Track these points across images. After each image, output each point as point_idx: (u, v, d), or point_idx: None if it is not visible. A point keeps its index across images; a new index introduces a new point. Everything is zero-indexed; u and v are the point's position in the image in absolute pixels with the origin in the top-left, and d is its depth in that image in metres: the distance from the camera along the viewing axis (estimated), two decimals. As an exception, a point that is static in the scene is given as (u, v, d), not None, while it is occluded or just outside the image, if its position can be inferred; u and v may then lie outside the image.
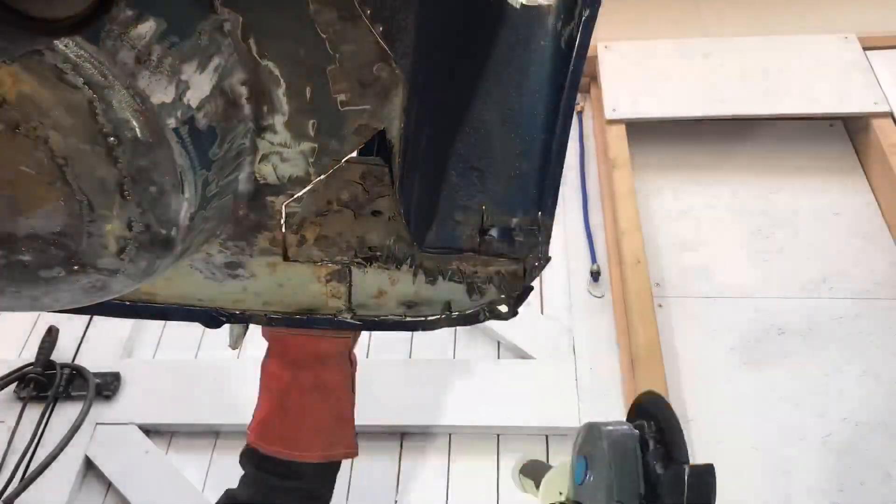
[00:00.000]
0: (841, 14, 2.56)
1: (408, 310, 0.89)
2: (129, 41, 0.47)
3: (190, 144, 0.53)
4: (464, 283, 0.86)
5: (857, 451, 1.74)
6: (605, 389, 1.90)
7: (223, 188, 0.62)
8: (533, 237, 0.81)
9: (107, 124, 0.48)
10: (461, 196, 0.81)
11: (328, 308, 0.88)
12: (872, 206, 2.20)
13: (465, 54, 0.75)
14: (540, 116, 0.78)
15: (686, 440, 0.73)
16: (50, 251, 0.55)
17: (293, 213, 0.74)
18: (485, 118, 0.79)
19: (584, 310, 2.07)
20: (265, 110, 0.62)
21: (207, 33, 0.53)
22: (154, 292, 0.85)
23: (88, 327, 2.14)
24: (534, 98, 0.77)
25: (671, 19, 2.67)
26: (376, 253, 0.79)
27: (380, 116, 0.63)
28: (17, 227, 0.54)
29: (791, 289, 2.04)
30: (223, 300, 0.86)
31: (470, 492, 1.80)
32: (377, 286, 0.86)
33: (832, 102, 2.28)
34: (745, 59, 2.41)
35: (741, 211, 2.24)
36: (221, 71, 0.55)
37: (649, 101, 2.37)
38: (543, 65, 0.76)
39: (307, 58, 0.58)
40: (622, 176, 2.20)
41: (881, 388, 1.84)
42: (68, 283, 0.58)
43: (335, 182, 0.71)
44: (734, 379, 1.88)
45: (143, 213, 0.54)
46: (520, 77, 0.77)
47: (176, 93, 0.51)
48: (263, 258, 0.80)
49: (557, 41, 0.74)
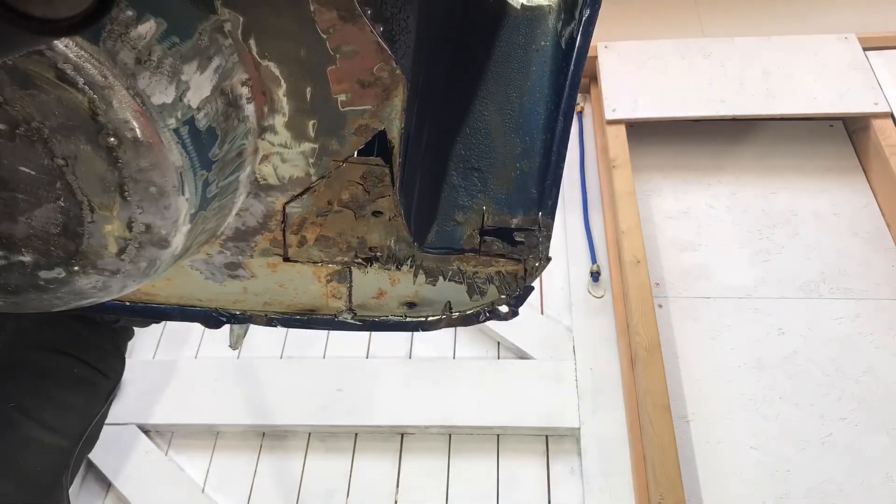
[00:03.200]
0: (841, 14, 2.56)
1: (408, 310, 0.89)
2: (129, 41, 0.47)
3: (190, 145, 0.53)
4: (464, 283, 0.86)
5: (857, 451, 1.74)
6: (605, 389, 1.90)
7: (223, 188, 0.62)
8: (533, 237, 0.81)
9: (107, 124, 0.48)
10: (462, 196, 0.81)
11: (329, 308, 0.88)
12: (872, 207, 2.20)
13: (466, 54, 0.75)
14: (540, 116, 0.78)
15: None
16: (50, 251, 0.55)
17: (294, 213, 0.74)
18: (485, 118, 0.79)
19: (584, 310, 2.07)
20: (265, 111, 0.62)
21: (208, 34, 0.53)
22: (154, 292, 0.85)
23: (88, 327, 2.13)
24: (534, 98, 0.77)
25: (671, 19, 2.68)
26: (377, 253, 0.79)
27: (380, 116, 0.63)
28: (17, 228, 0.54)
29: (791, 289, 2.04)
30: (223, 300, 0.86)
31: (470, 492, 1.80)
32: (378, 286, 0.86)
33: (832, 102, 2.28)
34: (745, 59, 2.41)
35: (741, 211, 2.24)
36: (222, 71, 0.55)
37: (649, 101, 2.37)
38: (544, 65, 0.76)
39: (307, 58, 0.58)
40: (622, 176, 2.20)
41: (881, 388, 1.84)
42: (68, 284, 0.58)
43: (335, 182, 0.70)
44: (734, 379, 1.88)
45: (143, 213, 0.54)
46: (520, 77, 0.77)
47: (176, 93, 0.51)
48: (264, 258, 0.80)
49: (558, 41, 0.74)
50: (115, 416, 1.93)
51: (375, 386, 1.95)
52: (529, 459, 1.85)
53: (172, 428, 1.96)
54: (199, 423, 1.94)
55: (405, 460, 1.87)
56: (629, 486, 1.75)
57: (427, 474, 1.84)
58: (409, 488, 1.82)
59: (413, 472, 1.85)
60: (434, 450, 1.88)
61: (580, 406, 1.86)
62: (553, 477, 1.81)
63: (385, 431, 1.90)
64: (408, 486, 1.83)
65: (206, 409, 1.94)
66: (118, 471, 1.84)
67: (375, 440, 1.90)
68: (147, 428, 1.94)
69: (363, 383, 1.96)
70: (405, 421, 1.89)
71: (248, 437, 1.95)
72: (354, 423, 1.90)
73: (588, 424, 1.84)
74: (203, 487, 1.86)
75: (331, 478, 1.86)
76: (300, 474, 1.88)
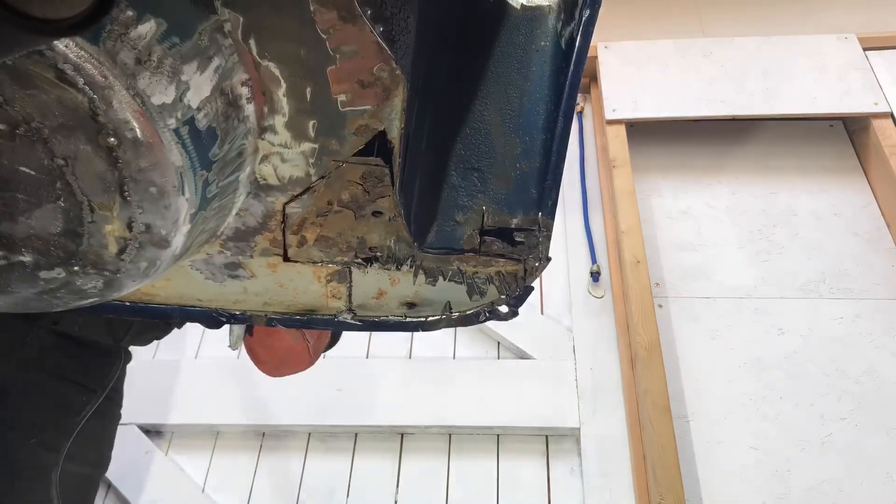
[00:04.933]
0: (841, 14, 2.56)
1: (408, 310, 0.89)
2: (129, 42, 0.47)
3: (190, 145, 0.53)
4: (464, 283, 0.86)
5: (857, 451, 1.74)
6: (605, 389, 1.90)
7: (223, 189, 0.62)
8: (533, 237, 0.81)
9: (107, 124, 0.48)
10: (461, 196, 0.81)
11: (328, 308, 0.88)
12: (872, 207, 2.21)
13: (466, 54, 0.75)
14: (540, 116, 0.78)
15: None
16: (50, 252, 0.55)
17: (294, 213, 0.74)
18: (485, 118, 0.79)
19: (584, 310, 2.07)
20: (265, 111, 0.62)
21: (208, 34, 0.53)
22: (154, 292, 0.85)
23: (88, 327, 2.13)
24: (534, 98, 0.77)
25: (671, 19, 2.68)
26: (377, 253, 0.79)
27: (380, 116, 0.63)
28: (17, 228, 0.54)
29: (791, 289, 2.04)
30: (223, 300, 0.86)
31: (470, 492, 1.80)
32: (377, 287, 0.86)
33: (832, 102, 2.28)
34: (745, 59, 2.41)
35: (741, 211, 2.24)
36: (222, 71, 0.55)
37: (649, 101, 2.37)
38: (544, 65, 0.76)
39: (307, 58, 0.58)
40: (622, 176, 2.20)
41: (881, 388, 1.84)
42: (68, 284, 0.58)
43: (335, 182, 0.70)
44: (734, 379, 1.88)
45: (143, 213, 0.54)
46: (520, 77, 0.77)
47: (176, 93, 0.51)
48: (264, 258, 0.80)
49: (558, 41, 0.74)
50: (115, 416, 1.93)
51: (375, 386, 1.95)
52: (529, 459, 1.85)
53: (172, 428, 1.96)
54: (199, 423, 1.94)
55: (405, 460, 1.87)
56: (629, 486, 1.75)
57: (427, 474, 1.84)
58: (409, 488, 1.82)
59: (413, 472, 1.85)
60: (434, 450, 1.88)
61: (580, 406, 1.86)
62: (553, 477, 1.81)
63: (385, 431, 1.90)
64: (408, 486, 1.83)
65: (206, 409, 1.94)
66: (118, 471, 1.84)
67: (375, 440, 1.91)
68: (147, 428, 1.94)
69: (363, 383, 1.96)
70: (405, 421, 1.89)
71: (248, 437, 1.95)
72: (354, 423, 1.90)
73: (588, 424, 1.84)
74: (203, 487, 1.86)
75: (331, 478, 1.86)
76: (300, 474, 1.88)
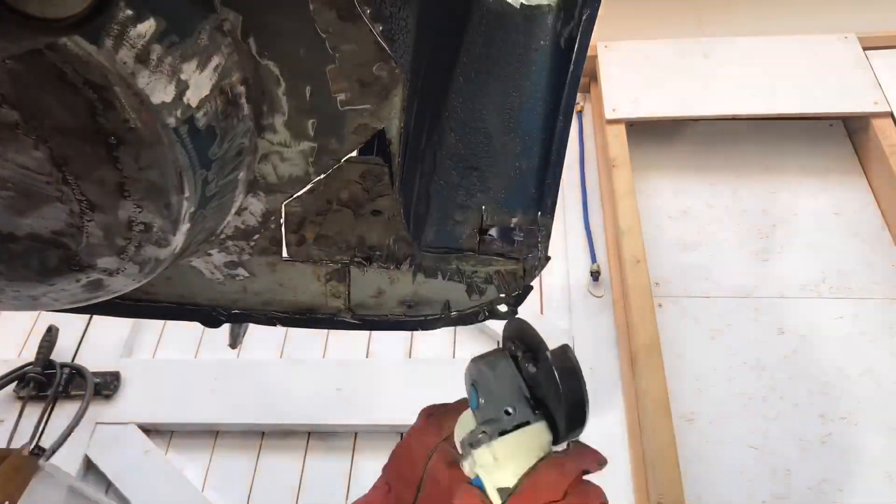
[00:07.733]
0: (841, 14, 2.55)
1: (407, 309, 0.89)
2: (128, 41, 0.47)
3: (190, 144, 0.53)
4: (463, 282, 0.86)
5: (857, 451, 1.74)
6: (605, 389, 1.90)
7: (223, 187, 0.62)
8: (532, 237, 0.81)
9: (107, 124, 0.48)
10: (461, 196, 0.81)
11: (328, 307, 0.88)
12: (872, 207, 2.20)
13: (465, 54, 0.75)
14: (540, 116, 0.78)
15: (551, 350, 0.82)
16: (50, 251, 0.55)
17: (293, 212, 0.74)
18: (485, 118, 0.79)
19: (584, 310, 2.07)
20: (265, 110, 0.62)
21: (207, 33, 0.53)
22: (154, 292, 0.86)
23: (88, 327, 2.14)
24: (534, 98, 0.77)
25: (671, 19, 2.67)
26: (376, 252, 0.79)
27: (380, 116, 0.63)
28: (17, 227, 0.54)
29: (791, 289, 2.04)
30: (223, 300, 0.87)
31: (470, 492, 1.80)
32: (377, 285, 0.86)
33: (832, 102, 2.28)
34: (745, 59, 2.41)
35: (741, 211, 2.24)
36: (221, 70, 0.55)
37: (649, 101, 2.37)
38: (543, 65, 0.76)
39: (307, 57, 0.58)
40: (622, 176, 2.20)
41: (881, 388, 1.84)
42: (68, 283, 0.58)
43: (335, 181, 0.70)
44: (734, 379, 1.88)
45: (142, 212, 0.54)
46: (520, 77, 0.77)
47: (176, 92, 0.51)
48: (263, 258, 0.80)
49: (557, 41, 0.74)
50: (115, 415, 1.93)
51: (375, 386, 1.95)
52: (529, 459, 1.84)
53: (172, 428, 1.96)
54: (198, 422, 1.94)
55: (405, 460, 1.87)
56: (629, 486, 1.75)
57: (427, 474, 1.84)
58: (408, 488, 1.82)
59: (413, 471, 1.85)
60: (434, 449, 1.87)
61: (580, 406, 1.86)
62: (553, 477, 1.81)
63: (385, 431, 1.90)
64: (408, 486, 1.83)
65: (205, 409, 1.94)
66: (118, 471, 1.84)
67: (375, 440, 1.90)
68: (147, 428, 1.93)
69: (363, 383, 1.96)
70: (405, 421, 1.88)
71: (248, 437, 1.95)
72: (354, 423, 1.90)
73: (588, 424, 1.83)
74: (202, 487, 1.86)
75: (331, 478, 1.86)
76: (300, 474, 1.88)
